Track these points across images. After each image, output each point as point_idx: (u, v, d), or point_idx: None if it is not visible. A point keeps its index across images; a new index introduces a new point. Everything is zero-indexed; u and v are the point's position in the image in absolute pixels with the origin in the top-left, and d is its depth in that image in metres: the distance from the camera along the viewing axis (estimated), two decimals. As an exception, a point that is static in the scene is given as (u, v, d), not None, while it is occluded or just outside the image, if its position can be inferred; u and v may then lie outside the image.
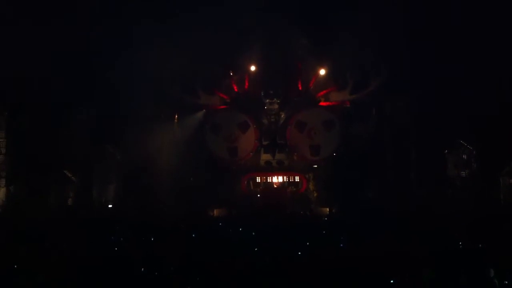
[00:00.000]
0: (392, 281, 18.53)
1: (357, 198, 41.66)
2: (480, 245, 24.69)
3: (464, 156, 45.71)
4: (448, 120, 42.69)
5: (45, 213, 39.41)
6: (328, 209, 44.25)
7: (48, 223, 34.17)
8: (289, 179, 47.19)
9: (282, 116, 47.31)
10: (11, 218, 38.16)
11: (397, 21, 41.63)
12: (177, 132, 45.83)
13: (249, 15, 41.84)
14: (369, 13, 41.40)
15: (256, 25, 42.74)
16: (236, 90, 47.23)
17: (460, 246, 24.95)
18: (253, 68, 46.68)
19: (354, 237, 27.13)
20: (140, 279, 20.11)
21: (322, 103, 47.24)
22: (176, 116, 46.47)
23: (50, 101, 42.65)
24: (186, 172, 44.56)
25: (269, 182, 47.12)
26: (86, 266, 21.20)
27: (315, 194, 46.50)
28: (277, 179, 47.13)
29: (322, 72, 46.58)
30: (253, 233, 30.43)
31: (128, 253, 24.71)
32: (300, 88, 47.30)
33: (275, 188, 47.03)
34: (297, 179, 47.13)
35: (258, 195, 46.22)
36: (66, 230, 30.19)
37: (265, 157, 47.25)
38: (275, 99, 46.84)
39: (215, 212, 43.77)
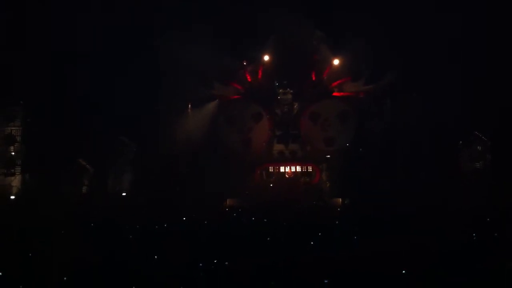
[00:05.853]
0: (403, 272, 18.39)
1: (370, 190, 41.36)
2: (492, 240, 24.51)
3: (479, 148, 45.21)
4: (463, 111, 42.19)
5: (59, 201, 39.56)
6: (340, 200, 44.04)
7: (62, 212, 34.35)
8: (302, 170, 47.24)
9: (295, 106, 47.39)
10: (26, 206, 38.54)
11: (414, 12, 41.13)
12: (190, 123, 45.86)
13: (263, 5, 41.66)
14: (384, 3, 41.04)
15: (270, 15, 42.42)
16: (249, 80, 47.28)
17: (473, 240, 24.72)
18: (266, 58, 46.66)
19: (367, 231, 26.96)
20: (147, 277, 20.11)
21: (335, 94, 47.20)
22: (189, 107, 46.55)
23: (66, 92, 42.67)
24: (199, 162, 44.60)
25: (282, 172, 47.20)
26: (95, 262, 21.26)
27: (328, 185, 46.37)
28: (290, 170, 47.20)
29: (336, 62, 46.40)
30: (265, 226, 30.43)
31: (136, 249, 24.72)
32: (313, 79, 47.23)
33: (288, 178, 47.06)
34: (310, 169, 47.13)
35: (271, 185, 46.31)
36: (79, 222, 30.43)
37: (278, 147, 47.41)
38: (288, 89, 47.03)
39: (228, 202, 43.74)
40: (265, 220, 32.97)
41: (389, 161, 43.11)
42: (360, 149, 44.31)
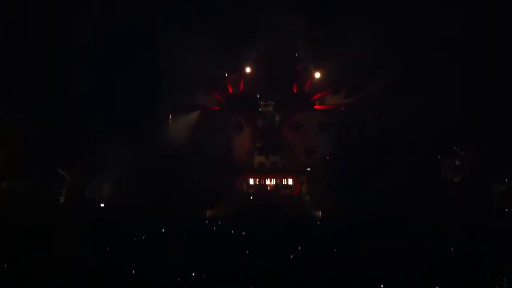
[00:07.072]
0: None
1: (350, 201, 41.40)
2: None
3: (457, 162, 45.62)
4: (442, 125, 42.58)
5: (36, 210, 38.83)
6: (320, 213, 43.98)
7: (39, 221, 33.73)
8: (282, 181, 47.23)
9: (276, 118, 47.57)
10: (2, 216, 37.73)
11: (393, 25, 41.52)
12: (171, 132, 45.54)
13: (245, 16, 41.84)
14: (366, 16, 41.36)
15: (252, 26, 42.60)
16: (230, 91, 47.36)
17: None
18: (248, 69, 46.81)
19: (349, 239, 26.97)
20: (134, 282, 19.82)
21: (316, 107, 47.50)
22: (171, 116, 46.27)
23: (42, 99, 42.08)
24: (180, 172, 44.30)
25: (262, 184, 47.12)
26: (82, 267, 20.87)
27: (307, 197, 46.37)
28: (270, 181, 47.16)
29: (317, 75, 46.74)
30: (245, 235, 30.28)
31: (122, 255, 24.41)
32: (295, 91, 47.47)
33: (268, 190, 47.00)
34: (290, 181, 47.17)
35: (251, 197, 46.16)
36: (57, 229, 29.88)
37: (258, 159, 47.45)
38: (269, 101, 47.22)
39: (208, 213, 43.41)
40: (244, 233, 32.73)
41: (369, 172, 43.17)
42: (340, 161, 44.17)
